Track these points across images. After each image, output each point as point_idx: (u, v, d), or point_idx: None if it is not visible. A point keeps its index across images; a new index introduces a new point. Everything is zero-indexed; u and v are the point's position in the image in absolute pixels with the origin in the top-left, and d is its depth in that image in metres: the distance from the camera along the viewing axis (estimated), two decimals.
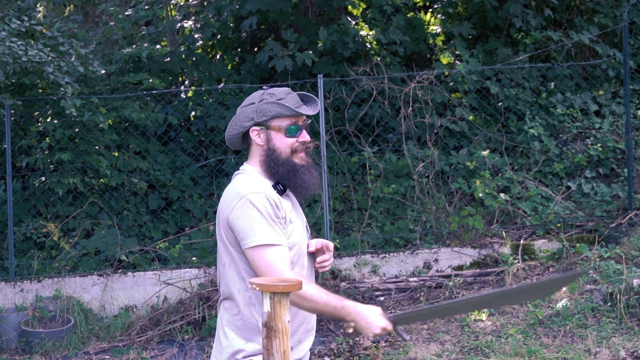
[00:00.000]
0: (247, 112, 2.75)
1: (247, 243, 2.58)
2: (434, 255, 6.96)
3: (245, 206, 2.59)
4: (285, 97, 2.72)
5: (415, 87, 7.59)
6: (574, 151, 8.28)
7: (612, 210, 7.45)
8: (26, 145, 7.75)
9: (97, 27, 11.54)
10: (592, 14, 9.50)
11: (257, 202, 2.59)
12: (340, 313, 2.60)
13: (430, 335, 5.80)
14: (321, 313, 2.63)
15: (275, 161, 2.72)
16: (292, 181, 2.71)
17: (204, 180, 8.26)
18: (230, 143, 2.82)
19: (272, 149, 2.73)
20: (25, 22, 6.84)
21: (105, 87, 8.19)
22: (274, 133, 2.73)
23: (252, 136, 2.75)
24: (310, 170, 2.76)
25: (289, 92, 2.75)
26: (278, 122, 2.72)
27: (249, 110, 2.75)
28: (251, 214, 2.58)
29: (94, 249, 7.27)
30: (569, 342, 5.44)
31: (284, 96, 2.73)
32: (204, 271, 6.65)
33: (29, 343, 6.16)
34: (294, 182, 2.71)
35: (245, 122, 2.75)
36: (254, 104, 2.74)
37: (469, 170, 8.01)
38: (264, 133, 2.74)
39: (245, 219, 2.58)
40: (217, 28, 9.56)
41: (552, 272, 6.67)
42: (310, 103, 2.80)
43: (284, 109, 2.70)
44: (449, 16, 9.62)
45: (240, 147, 2.84)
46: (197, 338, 6.09)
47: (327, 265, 2.82)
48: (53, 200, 7.76)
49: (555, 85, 8.93)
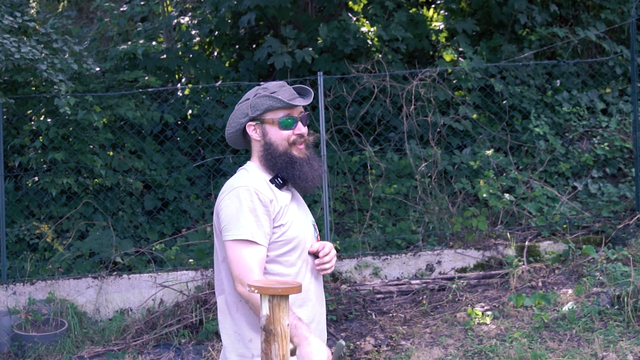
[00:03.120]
0: (242, 108, 2.80)
1: (225, 235, 2.63)
2: (437, 257, 6.96)
3: (232, 199, 2.64)
4: (278, 90, 2.76)
5: (417, 84, 7.59)
6: (581, 150, 8.28)
7: (620, 211, 7.45)
8: (19, 144, 7.75)
9: (91, 23, 11.54)
10: (599, 10, 9.51)
11: (244, 196, 2.63)
12: (291, 330, 2.55)
13: (433, 339, 5.80)
14: None
15: (272, 154, 2.74)
16: (290, 173, 2.74)
17: (201, 180, 8.26)
18: (232, 142, 2.86)
19: (268, 142, 2.76)
20: (18, 19, 6.83)
21: (100, 85, 8.19)
22: (268, 127, 2.76)
23: (249, 132, 2.79)
24: (310, 162, 2.78)
25: (282, 85, 2.79)
26: (272, 115, 2.75)
27: (244, 106, 2.79)
28: (236, 207, 2.62)
29: (89, 251, 7.27)
30: (575, 346, 5.44)
31: (277, 89, 2.76)
32: (201, 273, 6.65)
33: (22, 347, 6.16)
34: (292, 174, 2.74)
35: (241, 119, 2.79)
36: (249, 100, 2.78)
37: (473, 170, 8.01)
38: (259, 128, 2.77)
39: (229, 211, 2.63)
40: (214, 24, 9.56)
41: (558, 274, 6.67)
42: (305, 95, 2.82)
43: (275, 102, 2.73)
44: (452, 12, 9.62)
45: (242, 145, 2.87)
46: (194, 342, 6.09)
47: (327, 268, 2.81)
48: (46, 200, 7.76)
49: (561, 82, 8.93)
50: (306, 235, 2.77)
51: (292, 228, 2.70)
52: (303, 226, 2.77)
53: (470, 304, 6.31)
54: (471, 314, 6.08)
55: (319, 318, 2.80)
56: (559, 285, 6.49)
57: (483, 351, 5.50)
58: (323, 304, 2.87)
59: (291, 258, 2.71)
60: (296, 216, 2.75)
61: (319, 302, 2.81)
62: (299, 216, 2.77)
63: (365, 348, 5.74)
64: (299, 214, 2.79)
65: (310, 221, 2.86)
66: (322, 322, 2.83)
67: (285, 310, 2.20)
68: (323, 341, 2.84)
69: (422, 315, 6.27)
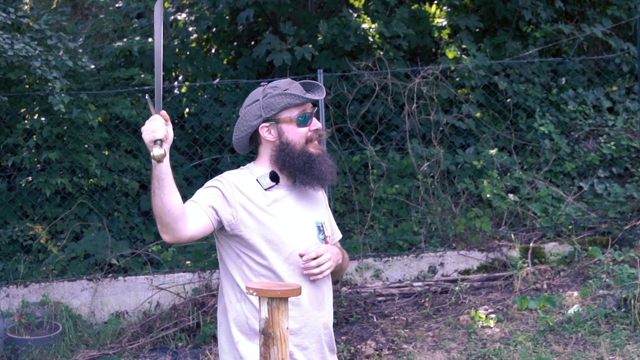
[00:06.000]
0: (252, 110, 2.76)
1: None
2: (440, 259, 6.96)
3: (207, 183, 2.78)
4: (290, 87, 2.75)
5: (419, 82, 7.59)
6: (586, 150, 8.28)
7: (626, 211, 7.45)
8: (12, 143, 7.75)
9: (86, 19, 11.54)
10: (605, 6, 9.50)
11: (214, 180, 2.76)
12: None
13: (435, 343, 5.80)
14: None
15: (290, 155, 2.73)
16: (308, 173, 2.73)
17: (199, 181, 8.26)
18: (238, 147, 2.83)
19: (285, 142, 2.74)
20: (11, 15, 6.83)
21: (95, 83, 8.19)
22: (285, 126, 2.75)
23: (262, 134, 2.76)
24: (326, 159, 2.79)
25: (291, 82, 2.78)
26: (288, 113, 2.74)
27: (255, 108, 2.76)
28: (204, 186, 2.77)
29: (83, 252, 7.26)
30: (580, 349, 5.44)
31: (288, 86, 2.75)
32: (199, 275, 6.65)
33: (15, 351, 6.16)
34: (311, 173, 2.73)
35: (253, 121, 2.76)
36: (259, 101, 2.76)
37: (476, 170, 8.01)
38: (274, 128, 2.75)
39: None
40: (212, 21, 9.56)
41: (563, 276, 6.67)
42: (314, 90, 2.81)
43: (292, 98, 2.72)
44: (455, 8, 9.62)
45: (248, 149, 2.85)
46: (191, 346, 6.09)
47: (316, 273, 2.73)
48: (40, 201, 7.76)
49: (566, 80, 8.93)
50: (296, 237, 2.74)
51: (275, 228, 2.71)
52: (291, 227, 2.73)
53: (474, 306, 6.31)
54: (474, 317, 6.08)
55: (314, 323, 2.75)
56: (565, 288, 6.49)
57: (487, 355, 5.50)
58: (323, 308, 2.80)
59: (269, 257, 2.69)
60: (284, 216, 2.73)
61: (314, 306, 2.76)
62: (289, 216, 2.75)
63: (366, 352, 5.74)
64: (293, 214, 2.76)
65: (315, 222, 2.82)
66: (318, 327, 2.78)
67: (284, 313, 2.20)
68: (320, 347, 2.81)
69: (424, 318, 6.27)
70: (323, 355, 2.80)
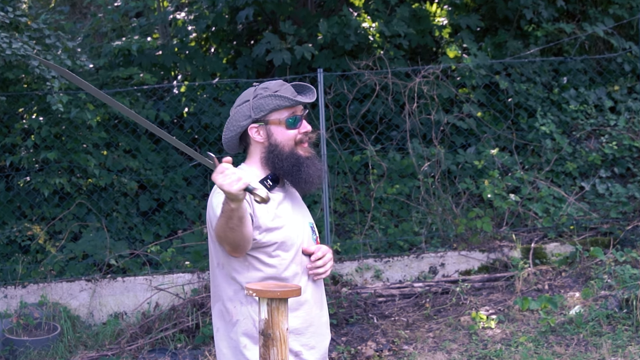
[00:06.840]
0: (242, 110, 2.77)
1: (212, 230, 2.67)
2: (440, 260, 6.96)
3: (215, 196, 2.70)
4: (280, 89, 2.75)
5: (420, 82, 7.59)
6: (588, 149, 8.28)
7: (628, 211, 7.45)
8: (10, 143, 7.74)
9: (85, 18, 11.54)
10: (606, 5, 9.50)
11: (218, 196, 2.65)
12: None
13: (436, 344, 5.80)
14: None
15: (279, 156, 2.74)
16: (296, 176, 2.74)
17: (198, 181, 8.26)
18: (228, 146, 2.84)
19: (273, 144, 2.75)
20: (9, 14, 6.83)
21: (94, 82, 8.18)
22: (274, 127, 2.75)
23: (251, 134, 2.77)
24: (314, 162, 2.78)
25: (282, 83, 2.78)
26: (277, 115, 2.74)
27: (244, 108, 2.76)
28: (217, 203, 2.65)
29: (82, 253, 7.26)
30: (582, 350, 5.44)
31: (279, 88, 2.76)
32: (198, 276, 6.65)
33: (13, 352, 6.16)
34: (298, 176, 2.74)
35: (242, 121, 2.77)
36: (249, 101, 2.76)
37: (477, 170, 8.01)
38: (263, 129, 2.76)
39: (211, 209, 2.69)
40: (211, 20, 9.56)
41: (564, 277, 6.67)
42: (306, 92, 2.82)
43: (281, 100, 2.72)
44: (456, 7, 9.62)
45: (238, 149, 2.86)
46: (190, 347, 6.09)
47: (321, 273, 2.78)
48: (38, 201, 7.76)
49: (568, 80, 8.92)
50: (300, 237, 2.75)
51: (284, 230, 2.70)
52: (296, 227, 2.75)
53: (475, 307, 6.31)
54: (475, 317, 6.08)
55: (318, 322, 2.79)
56: (566, 288, 6.49)
57: (488, 356, 5.50)
58: (323, 307, 2.85)
59: (278, 259, 2.70)
60: (289, 218, 2.75)
61: (317, 305, 2.80)
62: (292, 217, 2.76)
63: (366, 353, 5.74)
64: (293, 215, 2.78)
65: (308, 223, 2.85)
66: (321, 326, 2.81)
67: (284, 313, 2.20)
68: (324, 346, 2.84)
69: (425, 319, 6.27)
70: (324, 356, 2.82)
